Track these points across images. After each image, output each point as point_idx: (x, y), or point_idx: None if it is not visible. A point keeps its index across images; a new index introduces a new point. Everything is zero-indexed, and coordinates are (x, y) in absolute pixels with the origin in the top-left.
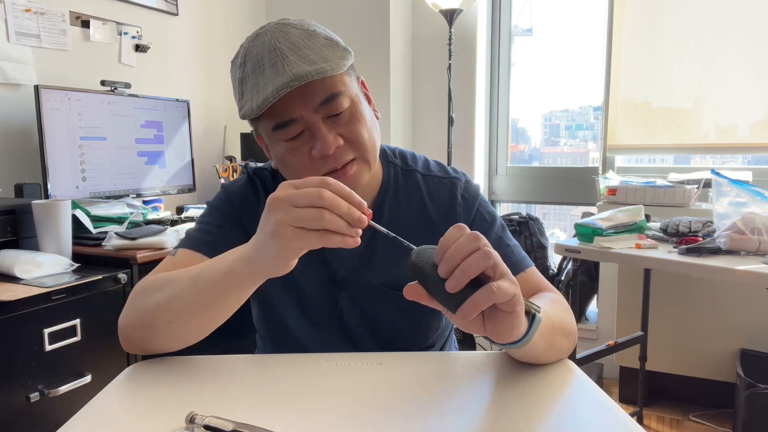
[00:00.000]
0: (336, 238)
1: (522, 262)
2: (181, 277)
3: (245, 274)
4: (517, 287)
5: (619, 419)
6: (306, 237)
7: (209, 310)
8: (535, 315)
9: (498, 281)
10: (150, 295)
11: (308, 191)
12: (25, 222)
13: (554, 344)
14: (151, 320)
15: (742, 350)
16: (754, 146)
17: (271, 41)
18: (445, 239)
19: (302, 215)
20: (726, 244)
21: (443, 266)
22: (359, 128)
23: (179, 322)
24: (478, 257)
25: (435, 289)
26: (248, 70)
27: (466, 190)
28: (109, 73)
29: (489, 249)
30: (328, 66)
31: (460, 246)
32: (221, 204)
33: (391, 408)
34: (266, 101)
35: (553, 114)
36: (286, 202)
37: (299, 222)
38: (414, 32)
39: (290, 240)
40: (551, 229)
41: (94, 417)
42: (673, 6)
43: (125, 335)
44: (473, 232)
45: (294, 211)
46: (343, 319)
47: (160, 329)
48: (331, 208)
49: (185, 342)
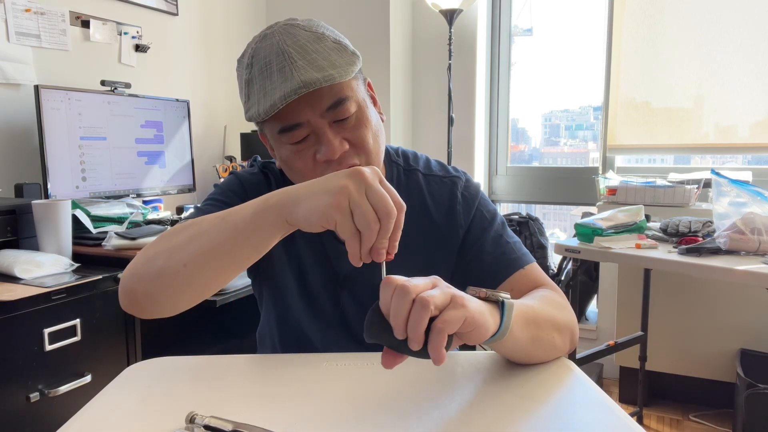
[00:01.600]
0: (355, 247)
1: (522, 259)
2: (205, 219)
3: (276, 213)
4: (464, 309)
5: (619, 419)
6: (346, 222)
7: (230, 251)
8: (503, 302)
9: (442, 315)
10: (163, 242)
11: (385, 198)
12: (25, 222)
13: (541, 337)
14: (162, 265)
15: (742, 350)
16: (754, 146)
17: (279, 43)
18: (383, 303)
19: (364, 208)
20: (726, 244)
21: (396, 331)
22: (365, 133)
23: (193, 264)
24: (417, 311)
25: (402, 350)
26: (255, 72)
27: (466, 188)
28: (109, 73)
29: (422, 297)
30: (337, 73)
31: (397, 307)
32: (232, 184)
33: (391, 408)
34: (273, 107)
35: (553, 114)
36: (365, 184)
37: (356, 208)
38: (414, 32)
39: (337, 210)
40: (551, 229)
41: (94, 417)
42: (673, 6)
43: (127, 289)
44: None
45: (363, 198)
46: (346, 316)
47: (170, 275)
48: (382, 229)
49: (190, 295)
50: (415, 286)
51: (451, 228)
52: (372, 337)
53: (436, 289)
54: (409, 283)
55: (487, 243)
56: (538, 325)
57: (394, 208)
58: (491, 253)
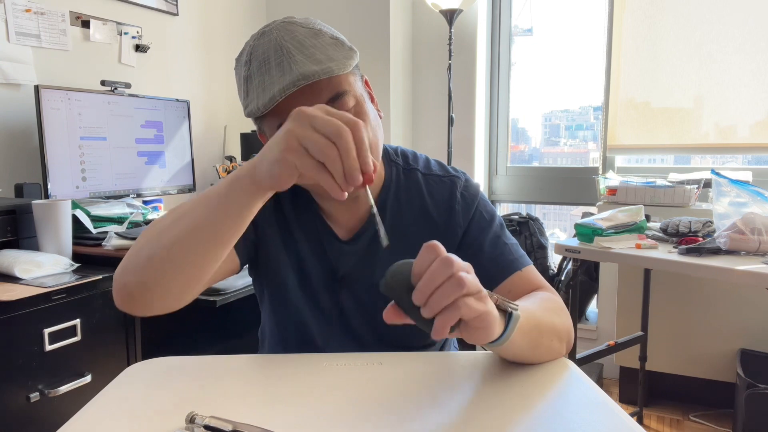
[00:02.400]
0: (329, 180)
1: (519, 261)
2: (185, 203)
3: (247, 180)
4: (485, 304)
5: (619, 419)
6: (305, 159)
7: (211, 227)
8: (512, 313)
9: (465, 298)
10: (147, 232)
11: (332, 121)
12: (25, 222)
13: (540, 343)
14: (149, 252)
15: (742, 350)
16: (754, 146)
17: (277, 39)
18: (419, 263)
19: (314, 138)
20: (726, 244)
21: (417, 295)
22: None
23: (179, 246)
24: (452, 285)
25: (411, 311)
26: (254, 68)
27: (465, 188)
28: (109, 73)
29: (462, 276)
30: (335, 65)
31: (434, 274)
32: None
33: (391, 408)
34: (273, 100)
35: (553, 114)
36: (307, 118)
37: (307, 142)
38: (414, 32)
39: (291, 153)
40: (551, 229)
41: (94, 417)
42: (673, 6)
43: (119, 284)
44: (445, 256)
45: (308, 130)
46: (344, 314)
47: (158, 263)
48: (340, 149)
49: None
50: (459, 263)
51: (449, 227)
52: (388, 289)
53: (472, 276)
54: (453, 257)
55: (486, 244)
56: (540, 332)
57: (344, 125)
58: (489, 253)
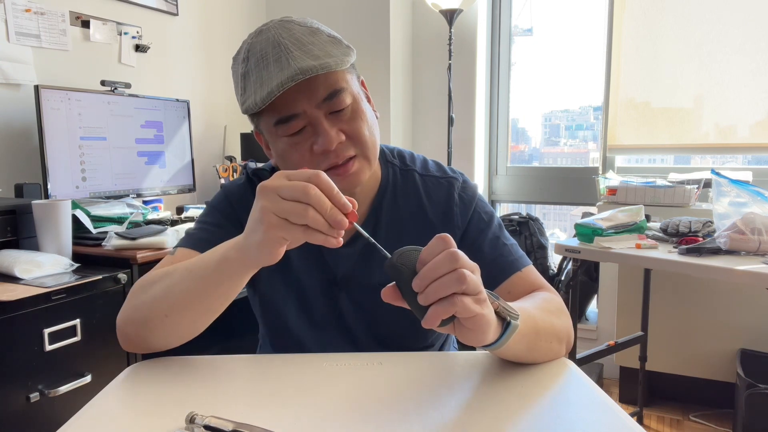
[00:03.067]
0: (319, 236)
1: (518, 262)
2: (176, 269)
3: (237, 261)
4: (483, 307)
5: (619, 419)
6: (290, 229)
7: (203, 300)
8: (510, 322)
9: (463, 296)
10: (146, 291)
11: (296, 185)
12: (25, 222)
13: (538, 346)
14: (147, 315)
15: (742, 350)
16: (754, 146)
17: (275, 37)
18: (428, 251)
19: (287, 208)
20: (726, 244)
21: (418, 281)
22: (361, 125)
23: (174, 315)
24: (452, 279)
25: (408, 296)
26: (251, 64)
27: (463, 189)
28: (109, 73)
29: (464, 272)
30: (333, 61)
31: (438, 265)
32: (220, 204)
33: (391, 408)
34: (270, 94)
35: (553, 114)
36: (273, 191)
37: (284, 213)
38: (414, 32)
39: (274, 229)
40: (551, 229)
41: (94, 417)
42: (673, 6)
43: (123, 333)
44: (454, 250)
45: (279, 202)
46: (343, 318)
47: (156, 324)
48: (315, 205)
49: (181, 337)
50: (465, 260)
51: (447, 229)
52: (392, 269)
53: (475, 276)
54: (461, 254)
55: (485, 245)
56: (537, 335)
57: (307, 183)
58: (489, 254)
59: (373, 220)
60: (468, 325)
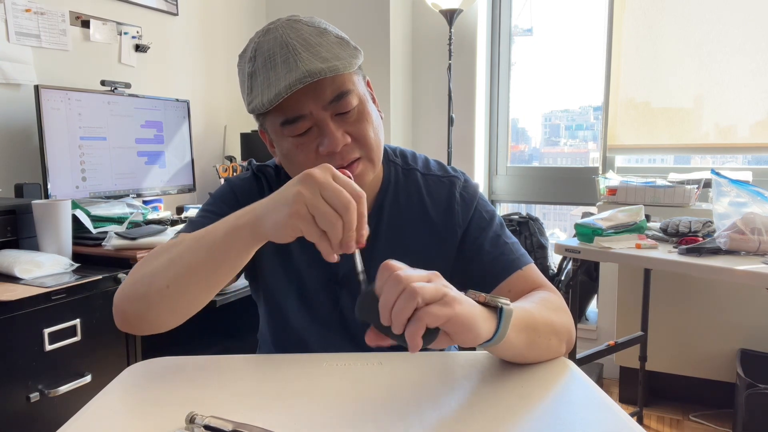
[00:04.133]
0: (327, 246)
1: (520, 260)
2: (183, 240)
3: (249, 231)
4: (451, 308)
5: (619, 419)
6: (310, 227)
7: (208, 270)
8: (502, 308)
9: (426, 306)
10: (149, 263)
11: (342, 195)
12: (25, 222)
13: (537, 341)
14: (147, 289)
15: (742, 350)
16: (754, 146)
17: (283, 37)
18: (379, 285)
19: (322, 209)
20: (726, 244)
21: (381, 315)
22: (366, 127)
23: (176, 285)
24: (404, 299)
25: (387, 331)
26: (259, 64)
27: (464, 188)
28: (109, 73)
29: (413, 286)
30: (341, 64)
31: (387, 293)
32: (225, 196)
33: (391, 408)
34: (278, 96)
35: (553, 114)
36: (318, 185)
37: (315, 211)
38: (414, 32)
39: (298, 218)
40: (551, 229)
41: (94, 417)
42: (673, 6)
43: (119, 310)
44: (396, 274)
45: (318, 200)
46: (345, 316)
47: (155, 297)
48: (345, 223)
49: (181, 311)
50: (409, 276)
51: (449, 227)
52: (362, 316)
53: (431, 284)
54: (403, 273)
55: (486, 243)
56: (536, 330)
57: (352, 200)
58: (490, 253)
59: (374, 219)
60: (451, 330)
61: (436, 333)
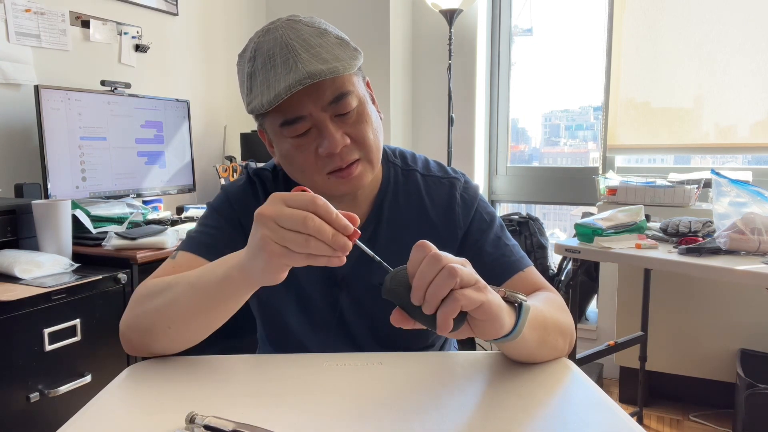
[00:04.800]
0: (322, 260)
1: (520, 262)
2: (179, 282)
3: (240, 281)
4: (485, 294)
5: (619, 419)
6: (291, 256)
7: (206, 314)
8: (521, 304)
9: (463, 289)
10: (149, 300)
11: (294, 215)
12: (25, 222)
13: (547, 340)
14: (150, 325)
15: (742, 350)
16: (754, 146)
17: (283, 37)
18: (412, 263)
19: (288, 237)
20: (726, 244)
21: (415, 293)
22: (365, 128)
23: (177, 326)
24: (443, 277)
25: (414, 312)
26: (258, 64)
27: (465, 190)
28: (109, 73)
29: (452, 266)
30: (341, 65)
31: (424, 272)
32: (221, 206)
33: (391, 408)
34: (278, 97)
35: (553, 114)
36: (272, 219)
37: (284, 242)
38: (414, 32)
39: (276, 257)
40: (551, 229)
41: (94, 417)
42: (673, 6)
43: (126, 338)
44: (435, 252)
45: (279, 231)
46: (344, 318)
47: (159, 334)
48: (315, 235)
49: (184, 345)
50: (447, 256)
51: (449, 229)
52: (389, 294)
53: (467, 267)
54: (441, 253)
55: (487, 245)
56: (546, 329)
57: (305, 212)
58: (490, 254)
59: (374, 220)
60: (480, 317)
61: (464, 319)
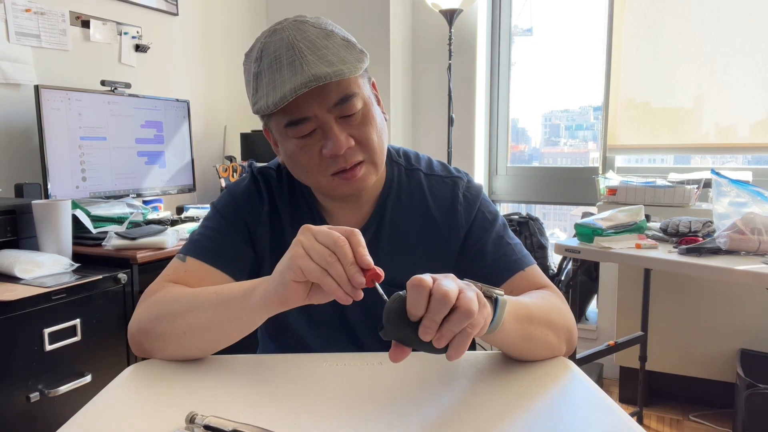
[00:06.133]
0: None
1: (523, 261)
2: (203, 292)
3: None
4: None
5: (619, 419)
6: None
7: (221, 327)
8: (497, 299)
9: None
10: (168, 305)
11: (330, 233)
12: (25, 222)
13: (533, 334)
14: (166, 327)
15: (742, 350)
16: (754, 146)
17: (289, 38)
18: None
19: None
20: (726, 244)
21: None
22: (370, 130)
23: (192, 334)
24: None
25: (419, 347)
26: (264, 65)
27: (467, 189)
28: (109, 73)
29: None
30: (347, 68)
31: (435, 313)
32: (225, 208)
33: (391, 408)
34: (283, 99)
35: (553, 114)
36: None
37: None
38: (414, 32)
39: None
40: (551, 229)
41: (94, 417)
42: (673, 6)
43: (136, 341)
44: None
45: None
46: (346, 317)
47: (173, 339)
48: (339, 257)
49: (195, 354)
50: (454, 291)
51: (451, 228)
52: (390, 335)
53: (470, 292)
54: (448, 288)
55: (489, 244)
56: (531, 322)
57: (342, 236)
58: (492, 254)
59: (377, 219)
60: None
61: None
